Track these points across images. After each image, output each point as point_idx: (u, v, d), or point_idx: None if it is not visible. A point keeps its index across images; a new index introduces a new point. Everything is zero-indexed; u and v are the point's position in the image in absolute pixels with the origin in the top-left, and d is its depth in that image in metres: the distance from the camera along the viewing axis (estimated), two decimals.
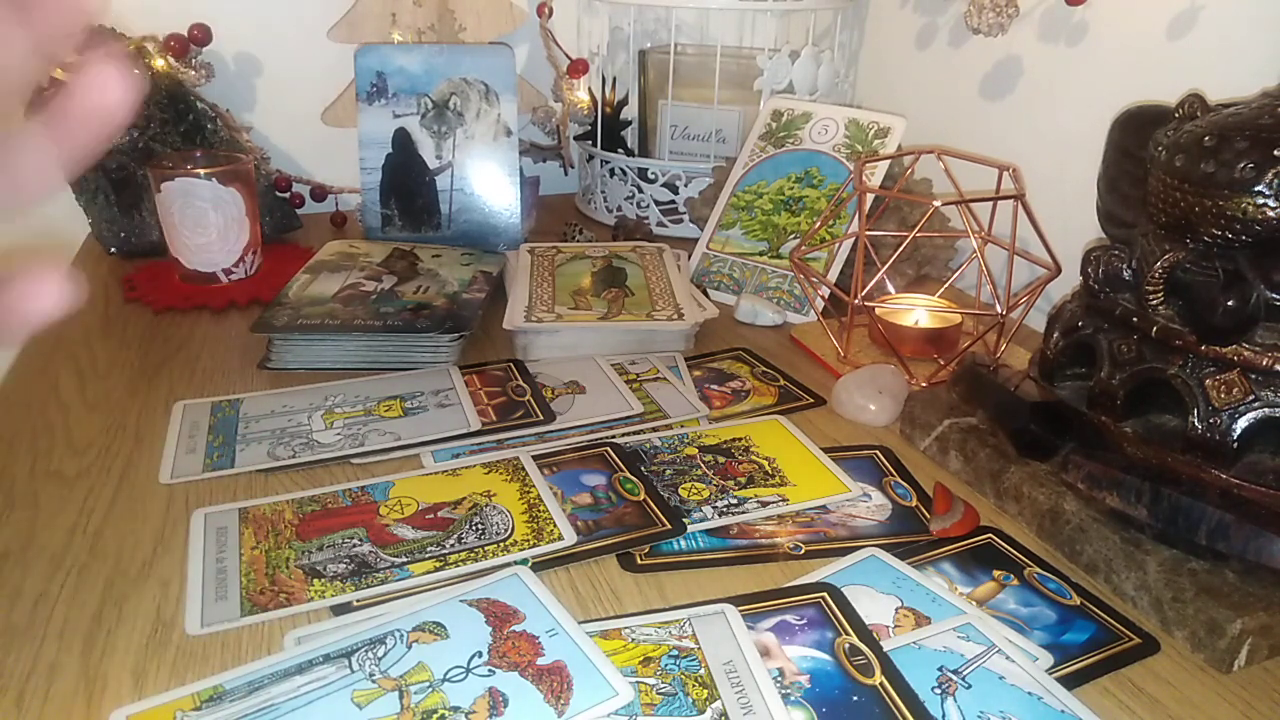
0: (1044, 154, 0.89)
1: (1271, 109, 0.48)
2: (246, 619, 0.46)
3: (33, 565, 0.49)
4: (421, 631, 0.44)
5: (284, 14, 1.08)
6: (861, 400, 0.68)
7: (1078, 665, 0.45)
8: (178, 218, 0.84)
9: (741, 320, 0.85)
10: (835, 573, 0.50)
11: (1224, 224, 0.48)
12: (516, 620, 0.45)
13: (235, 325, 0.81)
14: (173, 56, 0.97)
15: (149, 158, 0.92)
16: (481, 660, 0.42)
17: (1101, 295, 0.55)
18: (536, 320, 0.75)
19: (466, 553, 0.51)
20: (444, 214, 0.96)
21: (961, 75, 1.00)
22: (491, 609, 0.46)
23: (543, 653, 0.43)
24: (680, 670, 0.42)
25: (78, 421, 0.64)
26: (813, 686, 0.42)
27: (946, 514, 0.55)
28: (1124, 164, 0.59)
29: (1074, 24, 0.86)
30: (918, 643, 0.45)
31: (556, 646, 0.43)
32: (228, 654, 0.44)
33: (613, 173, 1.10)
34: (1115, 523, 0.51)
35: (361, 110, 0.94)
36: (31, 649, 0.44)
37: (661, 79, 1.06)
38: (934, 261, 0.91)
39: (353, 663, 0.42)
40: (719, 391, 0.71)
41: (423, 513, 0.54)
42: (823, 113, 0.93)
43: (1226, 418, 0.48)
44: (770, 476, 0.59)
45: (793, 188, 0.91)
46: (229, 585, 0.48)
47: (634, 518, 0.55)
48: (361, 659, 0.42)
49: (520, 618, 0.45)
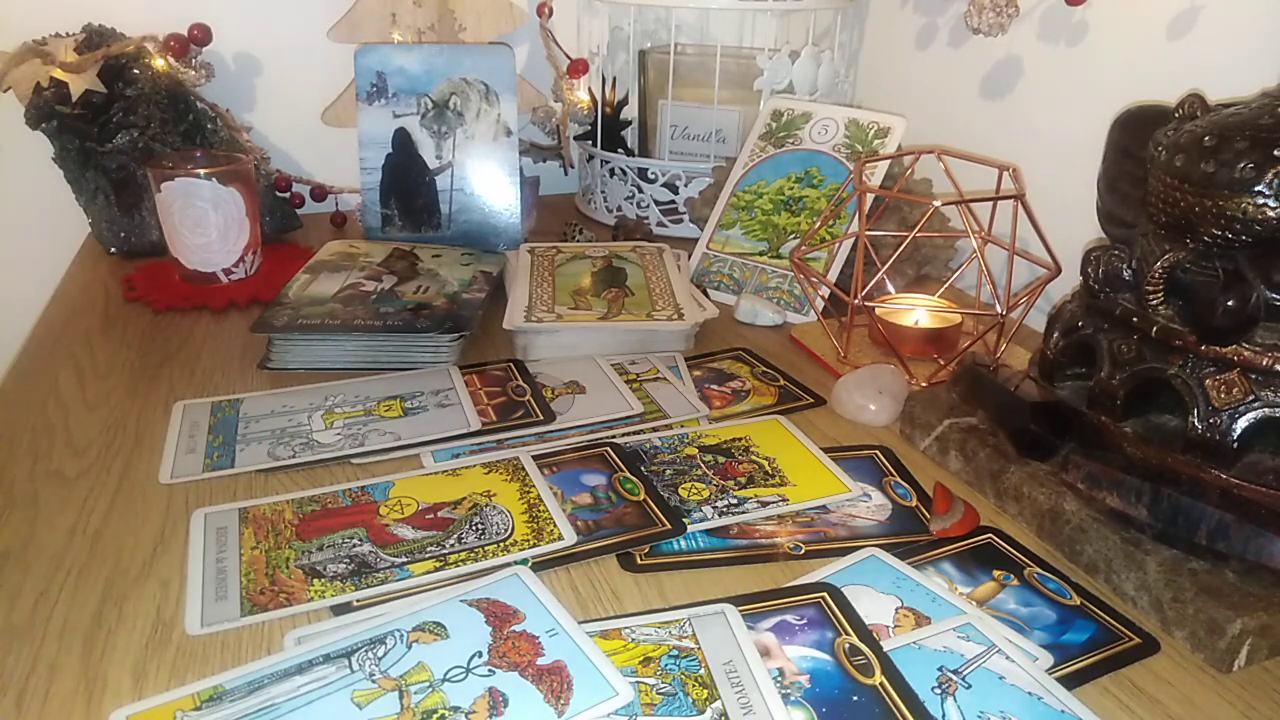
0: (1044, 154, 0.89)
1: (1271, 109, 0.48)
2: (247, 619, 0.46)
3: (33, 565, 0.49)
4: (421, 631, 0.44)
5: (284, 14, 1.08)
6: (861, 400, 0.68)
7: (1078, 665, 0.45)
8: (178, 218, 0.84)
9: (741, 320, 0.85)
10: (835, 573, 0.50)
11: (1224, 224, 0.48)
12: (516, 620, 0.45)
13: (235, 325, 0.81)
14: (173, 56, 0.97)
15: (149, 158, 0.92)
16: (481, 660, 0.42)
17: (1101, 295, 0.55)
18: (536, 320, 0.75)
19: (466, 553, 0.51)
20: (444, 214, 0.96)
21: (961, 75, 1.00)
22: (492, 609, 0.46)
23: (543, 653, 0.43)
24: (680, 670, 0.42)
25: (78, 421, 0.64)
26: (813, 686, 0.42)
27: (946, 514, 0.55)
28: (1124, 164, 0.59)
29: (1074, 24, 0.86)
30: (918, 643, 0.45)
31: (556, 646, 0.43)
32: (228, 654, 0.44)
33: (613, 173, 1.10)
34: (1115, 523, 0.51)
35: (361, 110, 0.94)
36: (31, 649, 0.44)
37: (661, 79, 1.06)
38: (934, 261, 0.91)
39: (353, 663, 0.42)
40: (719, 391, 0.71)
41: (423, 513, 0.54)
42: (823, 113, 0.93)
43: (1226, 418, 0.48)
44: (770, 476, 0.59)
45: (793, 188, 0.91)
46: (229, 585, 0.48)
47: (634, 518, 0.55)
48: (361, 659, 0.42)
49: (520, 618, 0.45)
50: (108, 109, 0.94)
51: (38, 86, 0.92)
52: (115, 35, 0.96)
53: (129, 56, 0.94)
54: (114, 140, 0.94)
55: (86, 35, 0.95)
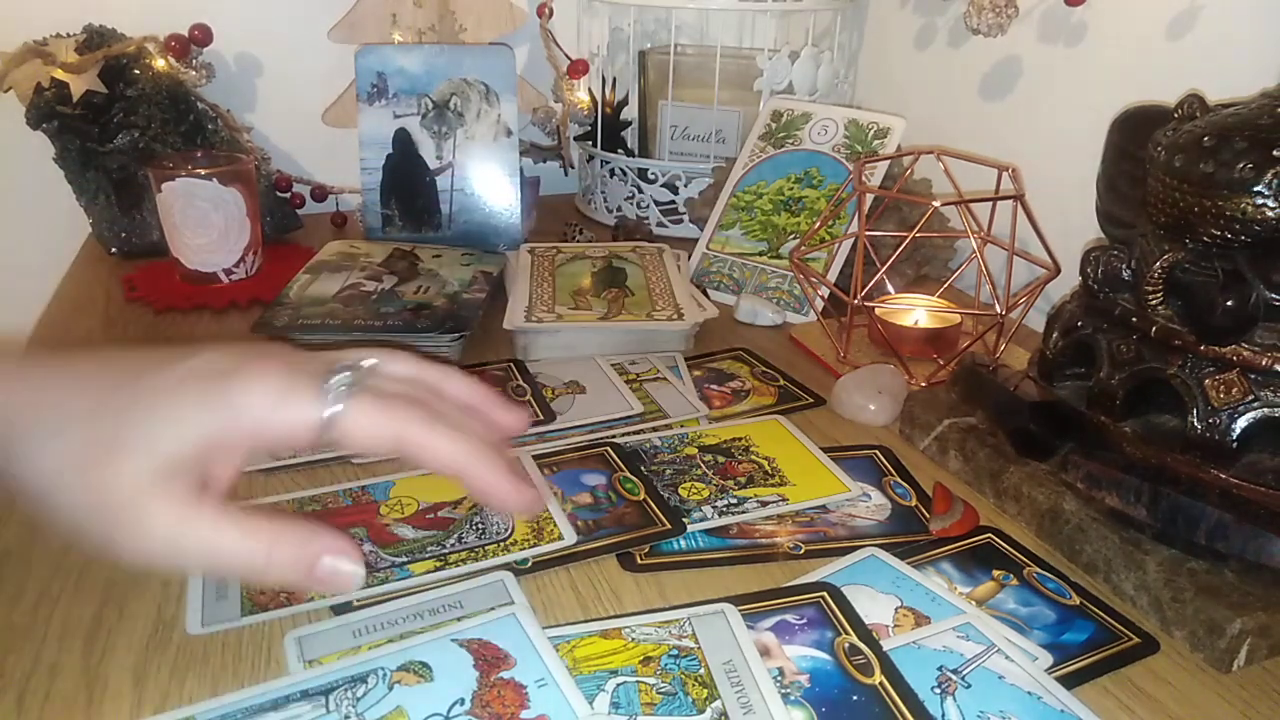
0: (1043, 154, 0.89)
1: (1271, 109, 0.48)
2: (247, 619, 0.46)
3: (34, 565, 0.50)
4: (405, 672, 0.42)
5: (285, 14, 1.08)
6: (861, 400, 0.68)
7: (1077, 665, 0.45)
8: (178, 218, 0.85)
9: (741, 320, 0.85)
10: (835, 572, 0.50)
11: (1223, 224, 0.48)
12: (506, 666, 0.43)
13: (236, 325, 0.81)
14: (173, 57, 0.97)
15: (150, 158, 0.92)
16: (463, 709, 0.40)
17: (1101, 295, 0.55)
18: (537, 320, 0.75)
19: (467, 552, 0.51)
20: (444, 214, 0.96)
21: (961, 75, 1.00)
22: (482, 651, 0.44)
23: (528, 705, 0.41)
24: (680, 670, 0.42)
25: None
26: (812, 686, 0.42)
27: (946, 514, 0.55)
28: (1123, 164, 0.59)
29: (1073, 24, 0.86)
30: (917, 642, 0.45)
31: (544, 699, 0.41)
32: (228, 654, 0.44)
33: (613, 173, 1.10)
34: (1115, 522, 0.51)
35: (362, 110, 0.94)
36: (32, 649, 0.44)
37: (661, 79, 1.07)
38: (933, 261, 0.91)
39: (330, 701, 0.40)
40: (719, 391, 0.71)
41: (423, 512, 0.54)
42: (822, 113, 0.93)
43: (1226, 418, 0.48)
44: (770, 476, 0.59)
45: (792, 188, 0.91)
46: (229, 584, 0.48)
47: (634, 517, 0.55)
48: (339, 699, 0.41)
49: (510, 663, 0.43)
50: (108, 109, 0.94)
51: (38, 87, 0.92)
52: (116, 36, 0.96)
53: (130, 57, 0.95)
54: (115, 140, 0.94)
55: (87, 36, 0.95)
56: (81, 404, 0.36)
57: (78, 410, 0.36)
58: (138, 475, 0.34)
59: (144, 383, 0.37)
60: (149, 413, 0.36)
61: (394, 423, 0.37)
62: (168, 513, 0.34)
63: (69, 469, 0.35)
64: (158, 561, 0.36)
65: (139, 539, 0.35)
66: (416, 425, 0.37)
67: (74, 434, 0.36)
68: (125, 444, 0.35)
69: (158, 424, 0.35)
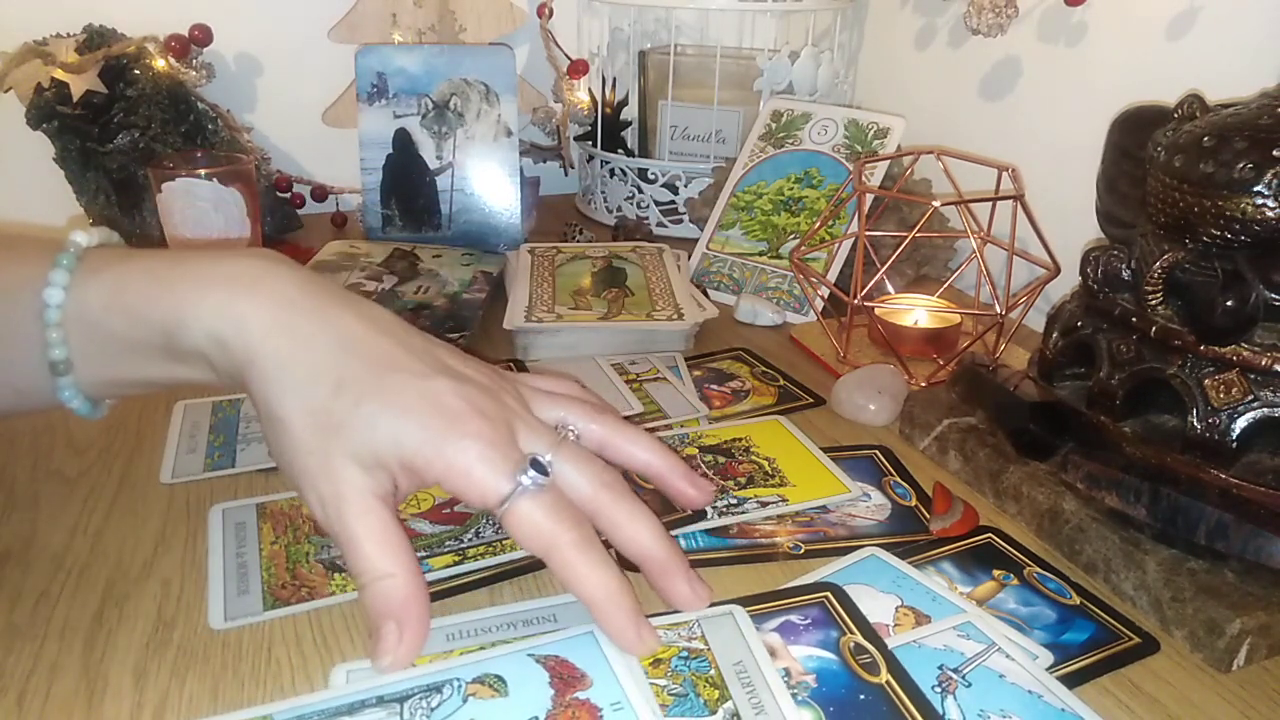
0: (1043, 154, 0.89)
1: (1271, 109, 0.48)
2: (269, 613, 0.46)
3: (34, 565, 0.50)
4: (480, 684, 0.41)
5: (284, 14, 1.08)
6: (861, 400, 0.68)
7: (1077, 664, 0.45)
8: (179, 218, 0.84)
9: (741, 320, 0.85)
10: (835, 572, 0.50)
11: (1223, 224, 0.48)
12: (582, 686, 0.41)
13: None
14: (173, 57, 0.97)
15: (150, 158, 0.92)
16: None
17: (1100, 295, 0.55)
18: (537, 320, 0.75)
19: (485, 546, 0.51)
20: (444, 214, 0.96)
21: (961, 75, 1.00)
22: (559, 669, 0.42)
23: None
24: (691, 671, 0.42)
25: (78, 422, 0.64)
26: (819, 686, 0.42)
27: (946, 514, 0.56)
28: (1123, 164, 0.59)
29: (1073, 24, 0.86)
30: (918, 641, 0.45)
31: None
32: (229, 653, 0.44)
33: (613, 173, 1.10)
34: (1114, 522, 0.51)
35: (362, 110, 0.94)
36: (32, 649, 0.44)
37: (661, 79, 1.07)
38: (933, 261, 0.91)
39: (405, 709, 0.40)
40: (719, 391, 0.71)
41: (439, 507, 0.54)
42: (822, 113, 0.93)
43: (1225, 418, 0.48)
44: (770, 476, 0.59)
45: (792, 188, 0.91)
46: (250, 579, 0.48)
47: None
48: (414, 706, 0.40)
49: (587, 684, 0.41)
50: (108, 109, 0.94)
51: (39, 87, 0.92)
52: (116, 36, 0.96)
53: (130, 57, 0.95)
54: (115, 141, 0.94)
55: (87, 36, 0.95)
56: (332, 375, 0.41)
57: (328, 379, 0.41)
58: (345, 454, 0.40)
59: (389, 380, 0.41)
60: (383, 408, 0.41)
61: (546, 537, 0.41)
62: (353, 497, 0.40)
63: (297, 425, 0.40)
64: (321, 523, 0.41)
65: (317, 502, 0.41)
66: (568, 550, 0.41)
67: (315, 397, 0.41)
68: (350, 426, 0.40)
69: (383, 422, 0.41)
